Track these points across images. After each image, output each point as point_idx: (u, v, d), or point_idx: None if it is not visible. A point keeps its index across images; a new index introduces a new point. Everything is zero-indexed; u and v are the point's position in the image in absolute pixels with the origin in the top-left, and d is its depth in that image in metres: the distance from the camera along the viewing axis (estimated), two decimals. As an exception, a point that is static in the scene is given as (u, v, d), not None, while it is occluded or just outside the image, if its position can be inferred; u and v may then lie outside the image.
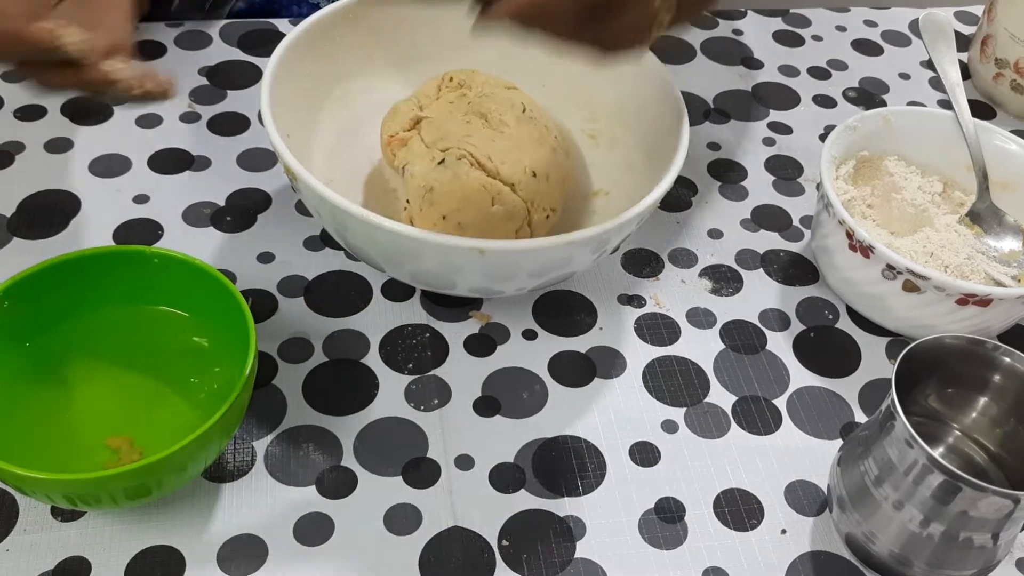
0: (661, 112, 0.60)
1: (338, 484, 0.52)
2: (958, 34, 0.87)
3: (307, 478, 0.52)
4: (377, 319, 0.59)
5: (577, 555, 0.50)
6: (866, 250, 0.57)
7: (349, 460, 0.53)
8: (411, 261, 0.53)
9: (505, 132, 0.58)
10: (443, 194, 0.55)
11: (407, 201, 0.57)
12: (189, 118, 0.71)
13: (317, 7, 0.79)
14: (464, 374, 0.57)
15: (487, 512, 0.51)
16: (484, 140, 0.57)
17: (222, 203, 0.65)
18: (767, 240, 0.68)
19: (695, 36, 0.84)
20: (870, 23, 0.88)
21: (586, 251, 0.54)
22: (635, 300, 0.62)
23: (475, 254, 0.50)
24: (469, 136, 0.57)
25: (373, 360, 0.57)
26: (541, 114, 0.62)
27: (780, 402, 0.58)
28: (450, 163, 0.56)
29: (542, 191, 0.57)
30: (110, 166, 0.67)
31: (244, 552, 0.49)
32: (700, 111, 0.77)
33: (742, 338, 0.61)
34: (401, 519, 0.50)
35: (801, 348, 0.61)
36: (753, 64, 0.82)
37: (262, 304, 0.59)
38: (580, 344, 0.60)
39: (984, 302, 0.55)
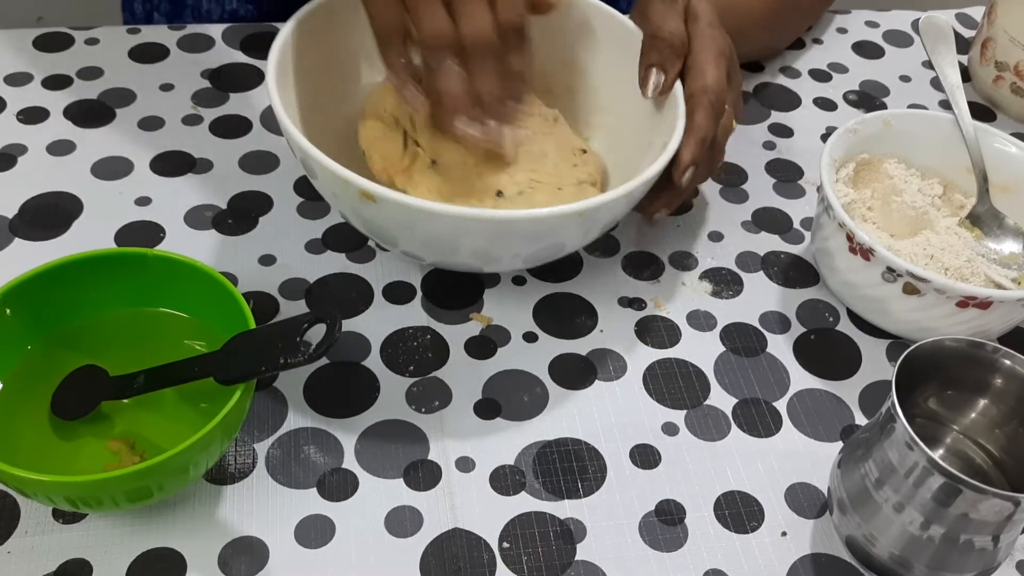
0: (661, 106, 0.61)
1: (339, 486, 0.52)
2: (958, 36, 0.87)
3: (308, 480, 0.52)
4: (378, 321, 0.59)
5: (578, 557, 0.50)
6: (866, 253, 0.57)
7: (350, 462, 0.53)
8: (422, 227, 0.53)
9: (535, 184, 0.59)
10: None
11: None
12: (191, 120, 0.71)
13: None
14: (465, 376, 0.57)
15: (488, 514, 0.51)
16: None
17: (224, 206, 0.65)
18: (767, 242, 0.68)
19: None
20: (871, 24, 0.88)
21: (573, 226, 0.54)
22: (635, 303, 0.63)
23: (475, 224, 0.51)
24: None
25: (374, 362, 0.57)
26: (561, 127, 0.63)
27: (780, 404, 0.58)
28: None
29: None
30: (112, 168, 0.67)
31: (245, 554, 0.49)
32: (701, 113, 0.77)
33: (742, 340, 0.61)
34: (402, 521, 0.51)
35: (801, 350, 0.61)
36: (754, 66, 0.82)
37: (264, 306, 0.60)
38: (581, 346, 0.60)
39: (984, 305, 0.55)
